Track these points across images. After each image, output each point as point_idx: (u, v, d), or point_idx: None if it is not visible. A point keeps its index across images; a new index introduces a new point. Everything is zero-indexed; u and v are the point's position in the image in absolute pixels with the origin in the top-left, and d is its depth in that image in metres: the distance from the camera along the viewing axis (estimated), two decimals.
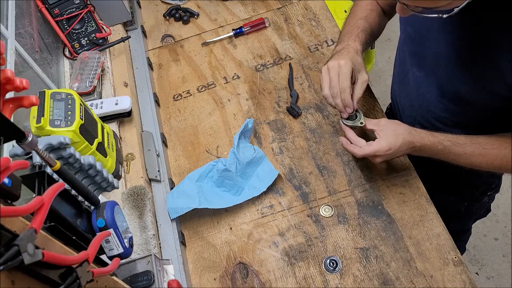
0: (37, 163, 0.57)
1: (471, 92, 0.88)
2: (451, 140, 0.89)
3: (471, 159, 0.89)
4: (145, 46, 1.37)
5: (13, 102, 0.48)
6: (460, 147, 0.89)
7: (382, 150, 0.88)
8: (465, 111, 0.94)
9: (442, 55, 0.89)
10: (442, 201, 1.03)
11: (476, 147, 0.88)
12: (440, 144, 0.89)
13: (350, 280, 0.92)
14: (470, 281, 0.89)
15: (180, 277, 0.93)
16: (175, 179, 1.12)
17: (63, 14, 1.21)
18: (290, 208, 1.03)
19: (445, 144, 0.89)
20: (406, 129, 0.90)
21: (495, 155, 0.87)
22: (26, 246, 0.37)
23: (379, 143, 0.89)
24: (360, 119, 0.95)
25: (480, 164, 0.89)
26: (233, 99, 1.23)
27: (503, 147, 0.86)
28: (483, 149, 0.88)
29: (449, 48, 0.87)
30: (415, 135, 0.90)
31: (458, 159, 0.90)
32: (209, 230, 1.03)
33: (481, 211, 1.34)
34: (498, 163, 0.88)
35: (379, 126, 0.92)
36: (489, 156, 0.88)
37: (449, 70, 0.89)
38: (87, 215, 0.64)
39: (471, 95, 0.89)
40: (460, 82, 0.89)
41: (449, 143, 0.89)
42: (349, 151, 0.94)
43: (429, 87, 0.97)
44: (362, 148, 0.91)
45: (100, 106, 1.08)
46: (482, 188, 1.20)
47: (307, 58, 1.26)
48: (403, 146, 0.89)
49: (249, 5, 1.42)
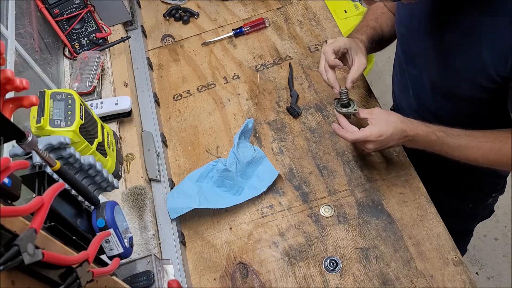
0: (37, 163, 0.57)
1: (460, 87, 0.89)
2: (445, 131, 0.89)
3: (465, 152, 0.88)
4: (145, 46, 1.37)
5: (13, 102, 0.48)
6: (454, 138, 0.88)
7: (373, 135, 0.88)
8: (459, 107, 0.95)
9: (431, 52, 0.90)
10: (447, 202, 1.03)
11: (471, 139, 0.87)
12: (433, 134, 0.89)
13: (350, 280, 0.92)
14: (470, 281, 0.89)
15: (180, 277, 0.93)
16: (175, 179, 1.12)
17: (63, 14, 1.21)
18: (290, 208, 1.03)
19: (438, 134, 0.89)
20: (399, 118, 0.90)
21: (489, 148, 0.86)
22: (26, 246, 0.37)
23: (370, 129, 0.89)
24: (353, 107, 0.95)
25: (476, 157, 0.88)
26: (233, 99, 1.23)
27: (497, 140, 0.86)
28: (477, 142, 0.87)
29: (437, 44, 0.88)
30: (408, 124, 0.90)
31: (453, 151, 0.90)
32: (209, 230, 1.03)
33: (485, 212, 1.34)
34: (493, 157, 0.87)
35: (372, 114, 0.92)
36: (484, 149, 0.87)
37: (438, 66, 0.91)
38: (87, 215, 0.64)
39: (460, 90, 0.90)
40: (449, 78, 0.90)
41: (442, 133, 0.89)
42: (340, 135, 0.94)
43: (423, 85, 0.98)
44: (353, 133, 0.91)
45: (100, 106, 1.08)
46: (487, 189, 1.19)
47: (307, 58, 1.26)
48: (395, 134, 0.89)
49: (249, 5, 1.42)
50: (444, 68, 0.90)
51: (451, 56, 0.87)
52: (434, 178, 1.05)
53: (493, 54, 0.78)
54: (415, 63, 0.98)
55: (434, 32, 0.88)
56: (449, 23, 0.84)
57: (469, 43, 0.82)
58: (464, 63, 0.84)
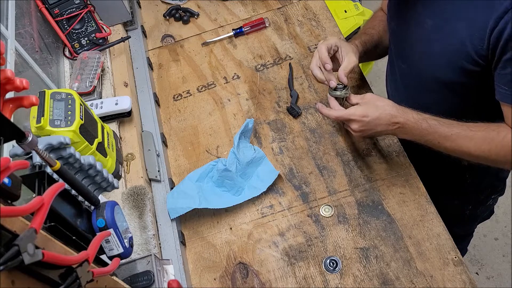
0: (37, 163, 0.57)
1: (442, 71, 0.90)
2: (436, 119, 0.88)
3: (458, 141, 0.86)
4: (145, 46, 1.37)
5: (13, 102, 0.48)
6: (446, 127, 0.87)
7: (356, 114, 0.88)
8: (448, 98, 0.95)
9: (415, 42, 0.93)
10: (447, 204, 1.04)
11: (463, 128, 0.86)
12: (425, 122, 0.87)
13: (350, 280, 0.92)
14: (470, 281, 0.89)
15: (180, 277, 0.93)
16: (175, 179, 1.12)
17: (63, 14, 1.21)
18: (290, 208, 1.03)
19: (430, 122, 0.87)
20: (390, 103, 0.90)
21: (482, 137, 0.84)
22: (26, 246, 0.37)
23: (355, 108, 0.90)
24: (344, 89, 0.95)
25: (468, 147, 0.85)
26: (233, 99, 1.23)
27: (490, 129, 0.84)
28: (470, 131, 0.85)
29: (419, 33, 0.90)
30: (399, 109, 0.89)
31: (445, 141, 0.87)
32: (209, 230, 1.03)
33: (485, 214, 1.34)
34: (486, 146, 0.84)
35: (363, 99, 0.92)
36: (477, 139, 0.84)
37: (422, 54, 0.92)
38: (87, 215, 0.64)
39: (444, 75, 0.90)
40: (432, 64, 0.91)
41: (434, 121, 0.87)
42: (324, 113, 0.95)
43: (412, 78, 1.00)
44: (337, 110, 0.91)
45: (100, 106, 1.08)
46: (487, 191, 1.19)
47: (307, 58, 1.26)
48: (383, 117, 0.88)
49: (249, 5, 1.42)
50: (427, 54, 0.91)
51: (432, 41, 0.89)
52: (434, 180, 1.05)
53: (470, 32, 0.80)
54: (404, 56, 1.00)
55: (417, 21, 0.91)
56: (429, 9, 0.87)
57: (447, 26, 0.84)
58: (444, 46, 0.86)
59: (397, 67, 1.05)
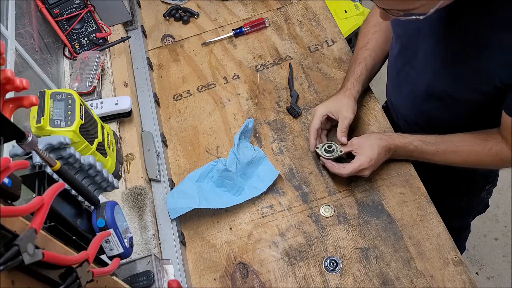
0: (37, 163, 0.57)
1: (457, 90, 0.90)
2: (421, 140, 0.95)
3: (445, 157, 0.94)
4: (145, 46, 1.37)
5: (13, 102, 0.48)
6: (431, 146, 0.94)
7: (364, 163, 0.95)
8: (452, 107, 0.96)
9: (431, 54, 0.91)
10: (442, 198, 1.04)
11: (448, 145, 0.93)
12: (411, 144, 0.96)
13: (350, 280, 0.92)
14: (470, 281, 0.89)
15: (180, 277, 0.93)
16: (175, 179, 1.12)
17: (63, 14, 1.21)
18: (290, 208, 1.03)
19: (415, 144, 0.95)
20: (377, 137, 0.98)
21: (467, 151, 0.91)
22: (26, 246, 0.37)
23: (359, 159, 0.96)
24: (338, 149, 1.01)
25: (455, 161, 0.94)
26: (233, 99, 1.23)
27: (475, 144, 0.90)
28: (455, 146, 0.92)
29: (438, 47, 0.89)
30: (386, 139, 0.97)
31: (433, 157, 0.95)
32: (209, 230, 1.03)
33: (480, 207, 1.36)
34: (472, 159, 0.91)
35: (353, 145, 0.99)
36: (462, 153, 0.92)
37: (437, 68, 0.91)
38: (87, 215, 0.64)
39: (457, 93, 0.91)
40: (447, 80, 0.90)
41: (419, 142, 0.95)
42: (336, 173, 0.99)
43: (419, 84, 0.99)
44: (346, 167, 0.97)
45: (100, 106, 1.08)
46: (481, 182, 1.21)
47: (307, 58, 1.26)
48: (381, 153, 0.96)
49: (249, 5, 1.42)
50: (443, 71, 0.90)
51: (452, 61, 0.87)
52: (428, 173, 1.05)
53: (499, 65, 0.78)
54: (412, 63, 0.98)
55: (436, 36, 0.88)
56: (453, 29, 0.84)
57: (473, 52, 0.82)
58: (466, 70, 0.85)
59: (402, 71, 1.03)
